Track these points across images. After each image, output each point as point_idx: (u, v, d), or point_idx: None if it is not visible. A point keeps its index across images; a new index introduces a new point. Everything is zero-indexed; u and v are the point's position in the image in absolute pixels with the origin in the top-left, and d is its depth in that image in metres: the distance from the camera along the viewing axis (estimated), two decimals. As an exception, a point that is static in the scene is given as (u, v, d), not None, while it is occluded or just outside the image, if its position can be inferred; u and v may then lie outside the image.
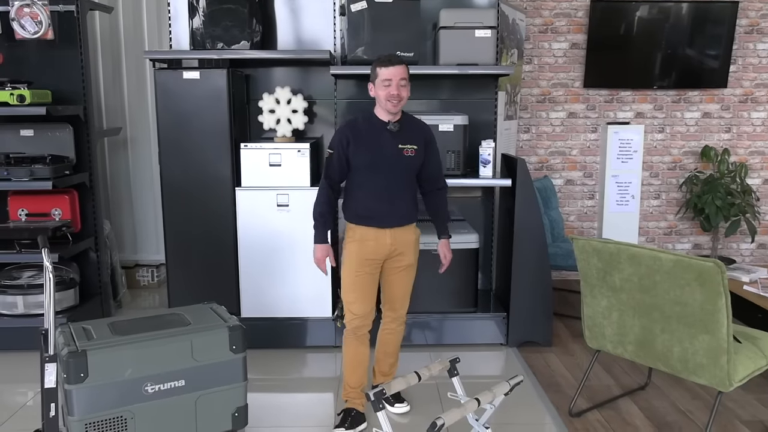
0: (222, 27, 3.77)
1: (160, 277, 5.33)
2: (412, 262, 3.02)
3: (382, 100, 2.82)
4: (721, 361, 2.58)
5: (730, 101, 5.39)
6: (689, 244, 5.62)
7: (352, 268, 2.94)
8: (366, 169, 2.88)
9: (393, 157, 2.86)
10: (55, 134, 4.13)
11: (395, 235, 2.92)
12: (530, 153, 5.42)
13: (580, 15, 5.25)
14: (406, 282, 3.06)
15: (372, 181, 2.89)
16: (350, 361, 3.04)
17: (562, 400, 3.29)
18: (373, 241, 2.90)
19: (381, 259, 2.95)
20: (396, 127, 2.87)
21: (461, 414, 2.13)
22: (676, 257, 2.58)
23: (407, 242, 2.97)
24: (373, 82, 2.85)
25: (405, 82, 2.81)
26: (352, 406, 3.04)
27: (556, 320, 4.42)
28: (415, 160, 2.92)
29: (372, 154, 2.86)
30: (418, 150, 2.91)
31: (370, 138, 2.87)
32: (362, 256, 2.92)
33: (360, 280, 2.94)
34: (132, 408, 2.36)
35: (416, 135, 2.94)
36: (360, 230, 2.93)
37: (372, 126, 2.90)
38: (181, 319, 2.62)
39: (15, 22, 3.90)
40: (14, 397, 3.36)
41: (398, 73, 2.78)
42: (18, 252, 3.86)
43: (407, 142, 2.89)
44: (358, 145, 2.86)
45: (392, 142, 2.87)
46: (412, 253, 3.01)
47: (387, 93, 2.78)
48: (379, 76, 2.80)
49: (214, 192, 3.79)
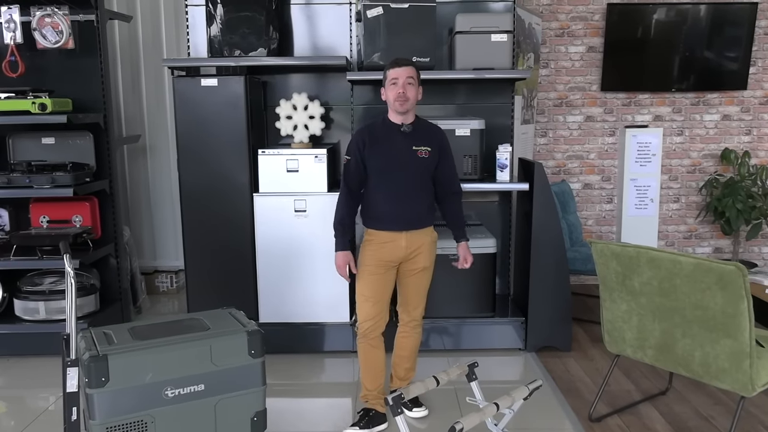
0: (239, 34, 3.81)
1: (179, 283, 5.37)
2: (427, 265, 3.03)
3: (391, 101, 2.87)
4: (744, 366, 2.54)
5: (750, 103, 5.33)
6: (709, 247, 5.56)
7: (366, 268, 2.97)
8: (381, 171, 2.91)
9: (407, 158, 2.90)
10: (75, 142, 4.19)
11: (411, 238, 2.94)
12: (548, 157, 5.40)
13: (596, 18, 5.22)
14: (422, 285, 3.07)
15: (387, 183, 2.92)
16: (365, 364, 3.06)
17: (581, 405, 3.27)
18: (390, 243, 2.93)
19: (396, 261, 2.97)
20: (409, 128, 2.91)
21: (480, 418, 2.12)
22: (696, 260, 2.56)
23: (423, 245, 2.98)
24: (384, 86, 2.91)
25: (413, 81, 2.85)
26: (371, 407, 3.06)
27: (575, 325, 4.39)
28: (429, 161, 2.94)
29: (386, 155, 2.90)
30: (431, 152, 2.94)
31: (384, 140, 2.92)
32: (377, 258, 2.95)
33: (374, 281, 2.96)
34: (152, 412, 2.38)
35: (430, 137, 2.97)
36: (376, 234, 2.96)
37: (386, 129, 2.94)
38: (201, 324, 2.64)
39: (36, 32, 3.96)
40: (37, 401, 3.40)
41: (405, 73, 2.83)
42: (40, 258, 3.91)
43: (421, 144, 2.92)
44: (373, 148, 2.90)
45: (406, 143, 2.91)
46: (428, 256, 3.02)
47: (395, 92, 2.83)
48: (388, 77, 2.87)
49: (232, 198, 3.82)
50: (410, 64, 2.87)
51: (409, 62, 2.88)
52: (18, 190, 3.83)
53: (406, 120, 2.92)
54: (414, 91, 2.87)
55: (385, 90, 2.90)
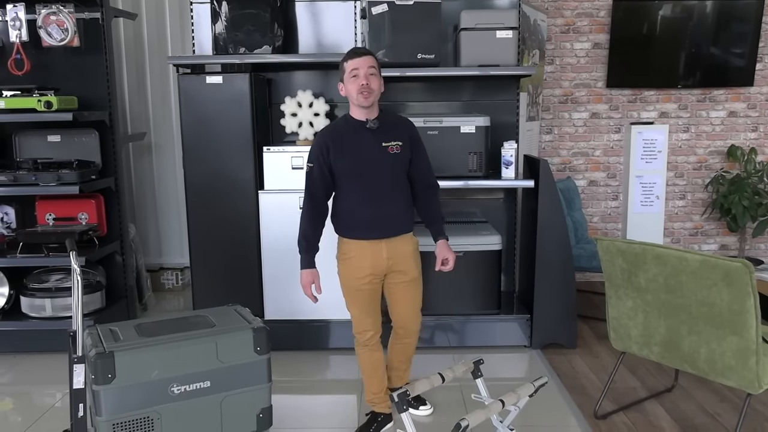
0: (244, 32, 3.81)
1: (185, 280, 5.38)
2: (415, 276, 2.86)
3: (353, 95, 2.64)
4: (750, 363, 2.54)
5: (756, 99, 5.31)
6: (715, 244, 5.54)
7: (349, 285, 2.82)
8: (351, 174, 2.71)
9: (377, 156, 2.70)
10: (81, 139, 4.20)
11: (391, 248, 2.77)
12: (553, 154, 5.39)
13: (602, 15, 5.21)
14: (412, 297, 2.89)
15: (359, 187, 2.72)
16: (368, 369, 2.98)
17: (587, 402, 3.26)
18: (369, 257, 2.75)
19: (380, 274, 2.81)
20: (375, 124, 2.70)
21: (486, 415, 2.12)
22: (702, 257, 2.55)
23: (405, 255, 2.81)
24: (342, 80, 2.69)
25: (374, 71, 2.64)
26: (378, 411, 3.01)
27: (581, 322, 4.38)
28: (401, 157, 2.74)
29: (354, 156, 2.69)
30: (403, 146, 2.74)
31: (350, 141, 2.70)
32: (358, 272, 2.78)
33: (360, 297, 2.82)
34: (158, 408, 2.38)
35: (399, 131, 2.77)
36: (354, 246, 2.78)
37: (350, 128, 2.73)
38: (206, 320, 2.65)
39: (42, 30, 3.97)
40: (43, 398, 3.41)
41: (365, 63, 2.62)
42: (46, 256, 3.92)
43: (390, 139, 2.72)
44: (339, 151, 2.69)
45: (374, 140, 2.70)
46: (413, 267, 2.85)
47: (357, 85, 2.61)
48: (346, 69, 2.64)
49: (238, 195, 3.82)
50: (369, 53, 2.66)
51: (367, 51, 2.67)
52: (24, 188, 3.85)
53: (371, 115, 2.70)
54: (377, 82, 2.65)
55: (344, 84, 2.67)
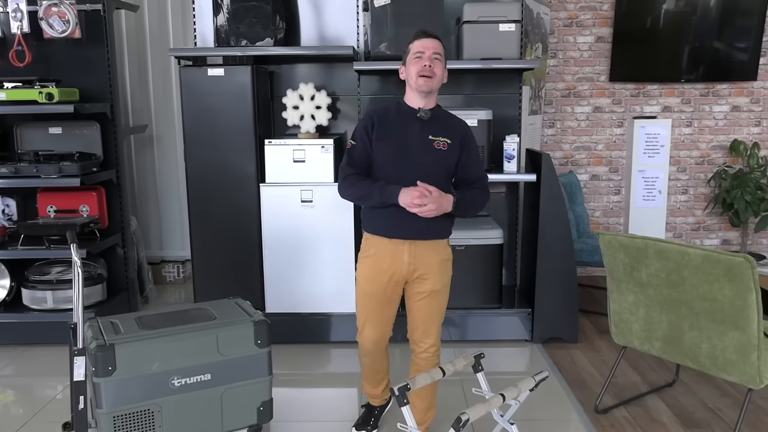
0: (246, 24, 3.79)
1: (186, 273, 5.38)
2: (438, 288, 2.56)
3: (413, 77, 2.44)
4: (752, 358, 2.53)
5: (760, 94, 5.29)
6: (718, 239, 5.53)
7: (362, 286, 2.62)
8: (387, 160, 2.49)
9: (420, 148, 2.47)
10: (82, 132, 4.20)
11: (415, 252, 2.50)
12: (555, 148, 5.37)
13: (605, 8, 5.18)
14: (430, 310, 2.59)
15: (393, 177, 2.47)
16: (367, 370, 2.86)
17: (588, 397, 3.26)
18: (389, 258, 2.52)
19: (399, 280, 2.55)
20: (427, 114, 2.49)
21: (486, 409, 2.12)
22: (704, 252, 2.54)
23: (430, 263, 2.52)
24: (404, 63, 2.51)
25: (440, 57, 2.46)
26: (374, 404, 2.98)
27: (582, 316, 4.37)
28: (448, 155, 2.50)
29: (396, 142, 2.48)
30: (451, 145, 2.50)
31: (396, 125, 2.50)
32: (375, 273, 2.56)
33: (369, 303, 2.61)
34: (159, 401, 2.38)
35: (451, 128, 2.55)
36: (374, 243, 2.56)
37: (400, 113, 2.53)
38: (207, 313, 2.64)
39: (43, 22, 3.96)
40: (44, 390, 3.41)
41: (432, 46, 2.44)
42: (47, 248, 3.92)
43: (439, 134, 2.50)
44: (382, 132, 2.49)
45: (422, 131, 2.49)
46: (438, 277, 2.55)
47: (419, 66, 2.42)
48: (411, 50, 2.46)
49: (239, 188, 3.81)
50: (437, 37, 2.47)
51: (436, 35, 2.47)
52: (25, 180, 3.84)
53: (427, 105, 2.50)
54: (441, 68, 2.46)
55: (405, 67, 2.48)
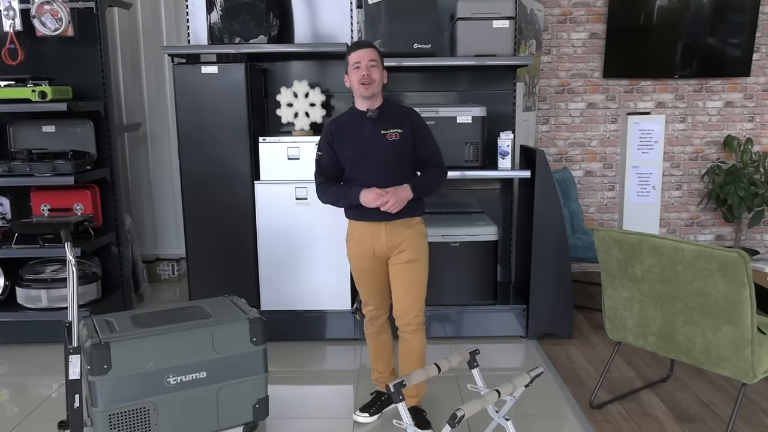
0: (239, 21, 3.78)
1: (181, 271, 5.38)
2: (414, 258, 2.83)
3: (356, 85, 2.75)
4: (745, 353, 2.54)
5: (753, 90, 5.31)
6: (711, 235, 5.55)
7: (354, 265, 2.92)
8: (353, 161, 2.81)
9: (376, 144, 2.78)
10: (76, 130, 4.18)
11: (391, 231, 2.80)
12: (549, 144, 5.38)
13: (599, 5, 5.19)
14: (407, 278, 2.84)
15: (360, 174, 2.80)
16: (374, 349, 3.06)
17: (582, 392, 3.27)
18: (369, 238, 2.82)
19: (381, 257, 2.85)
20: (375, 113, 2.79)
21: (482, 405, 2.13)
22: (698, 247, 2.55)
23: (405, 237, 2.82)
24: (347, 72, 2.80)
25: (376, 63, 2.74)
26: (382, 390, 3.07)
27: (577, 312, 4.39)
28: (401, 144, 2.80)
29: (354, 144, 2.80)
30: (403, 134, 2.80)
31: (351, 130, 2.82)
32: (361, 251, 2.86)
33: (364, 278, 2.92)
34: (154, 399, 2.39)
35: (399, 119, 2.83)
36: (356, 227, 2.87)
37: (353, 118, 2.84)
38: (202, 311, 2.64)
39: (36, 20, 3.94)
40: (39, 388, 3.41)
41: (366, 55, 2.73)
42: (41, 246, 3.91)
43: (390, 127, 2.80)
44: (341, 138, 2.81)
45: (373, 129, 2.79)
46: (414, 249, 2.83)
47: (358, 76, 2.72)
48: (350, 62, 2.76)
49: (233, 186, 3.81)
50: (371, 46, 2.78)
51: (370, 44, 2.79)
52: (19, 179, 3.83)
53: (372, 105, 2.80)
54: (378, 73, 2.75)
55: (348, 76, 2.79)
